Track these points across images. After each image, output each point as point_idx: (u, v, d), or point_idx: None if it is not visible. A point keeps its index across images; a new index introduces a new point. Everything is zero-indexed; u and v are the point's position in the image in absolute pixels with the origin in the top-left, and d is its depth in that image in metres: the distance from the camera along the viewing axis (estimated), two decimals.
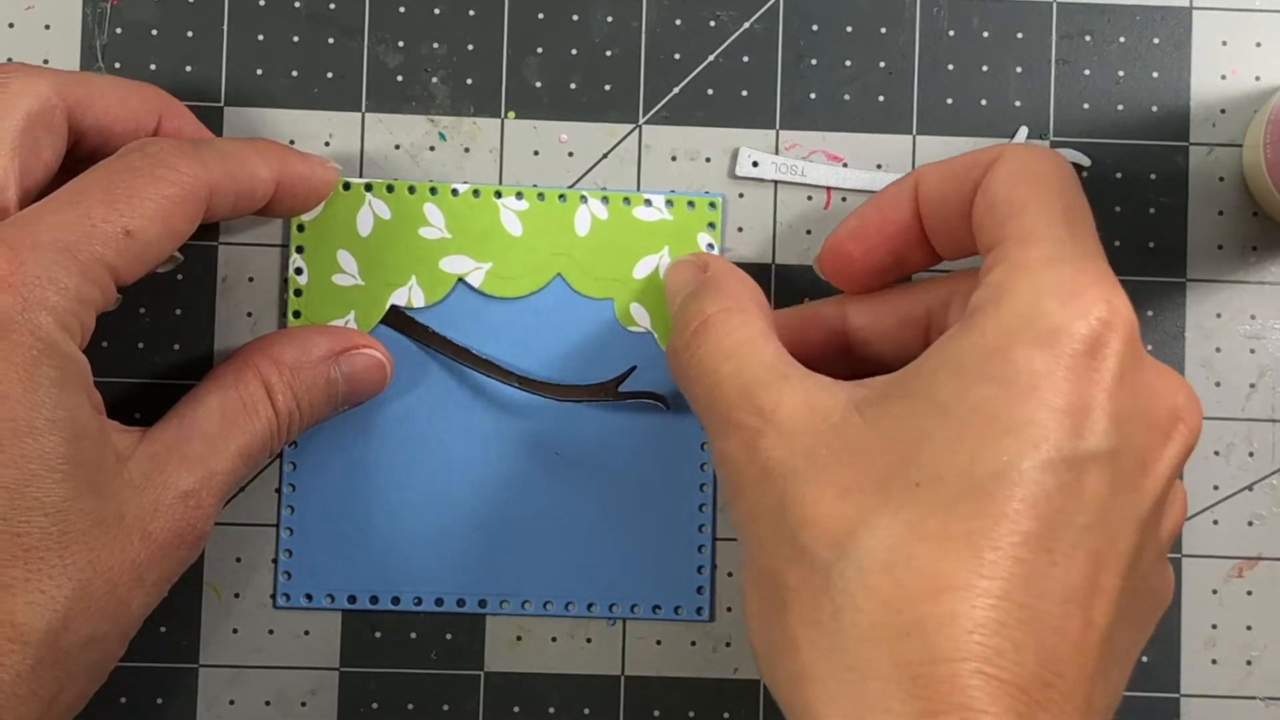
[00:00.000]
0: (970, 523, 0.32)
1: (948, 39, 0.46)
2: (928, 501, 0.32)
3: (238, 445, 0.40)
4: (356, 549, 0.44)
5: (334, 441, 0.45)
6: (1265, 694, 0.45)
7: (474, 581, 0.45)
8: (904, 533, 0.32)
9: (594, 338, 0.45)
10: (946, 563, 0.31)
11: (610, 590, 0.45)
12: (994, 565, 0.31)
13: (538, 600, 0.45)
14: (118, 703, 0.44)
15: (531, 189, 0.45)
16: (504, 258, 0.45)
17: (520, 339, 0.45)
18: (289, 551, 0.45)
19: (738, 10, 0.46)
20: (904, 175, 0.40)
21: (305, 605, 0.45)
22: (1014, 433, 0.32)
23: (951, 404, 0.33)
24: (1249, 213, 0.46)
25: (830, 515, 0.33)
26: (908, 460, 0.33)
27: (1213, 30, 0.46)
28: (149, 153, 0.38)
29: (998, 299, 0.34)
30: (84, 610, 0.36)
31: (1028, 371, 0.33)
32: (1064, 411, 0.33)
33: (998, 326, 0.34)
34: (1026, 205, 0.36)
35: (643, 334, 0.45)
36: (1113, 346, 0.33)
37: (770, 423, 0.35)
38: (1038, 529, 0.32)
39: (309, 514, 0.45)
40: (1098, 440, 0.33)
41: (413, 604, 0.44)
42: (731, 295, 0.40)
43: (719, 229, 0.45)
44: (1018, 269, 0.34)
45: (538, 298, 0.45)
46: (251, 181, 0.40)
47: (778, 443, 0.35)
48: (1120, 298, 0.34)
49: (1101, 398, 0.33)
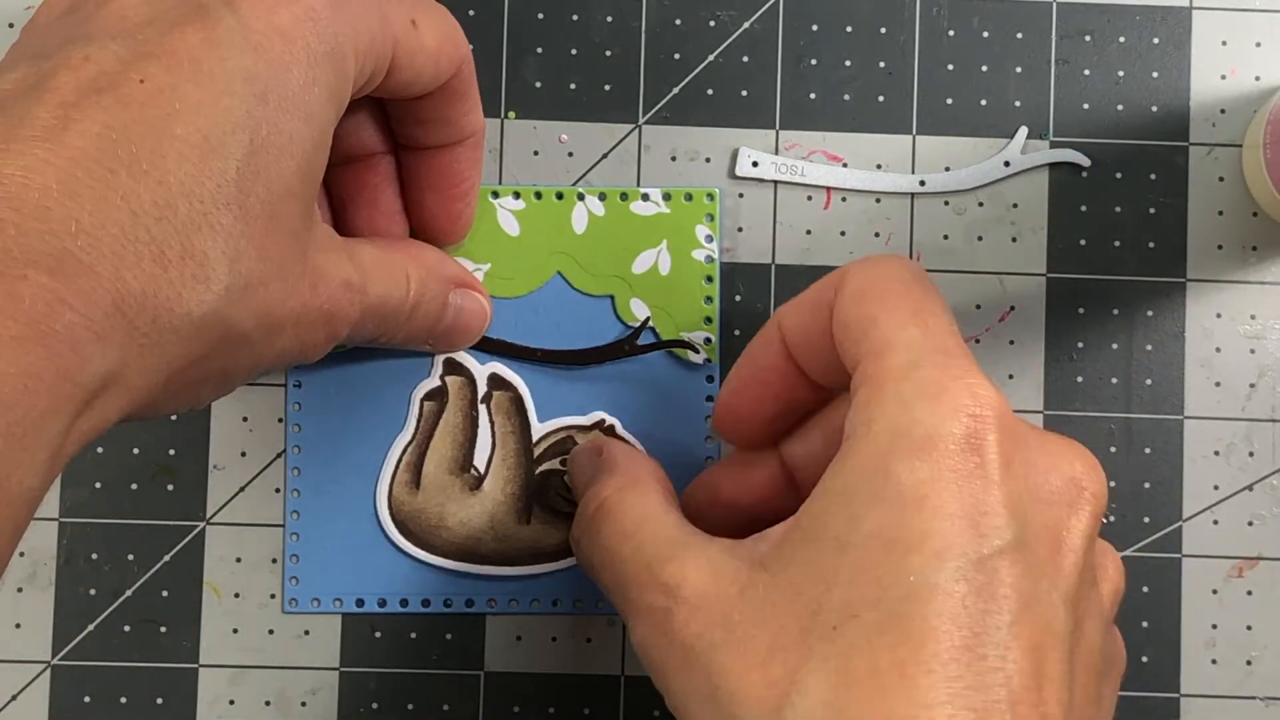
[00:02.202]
0: (895, 652, 0.31)
1: (948, 39, 0.46)
2: (850, 643, 0.31)
3: (385, 288, 0.39)
4: (362, 552, 0.44)
5: (338, 446, 0.45)
6: (1265, 694, 0.45)
7: (481, 583, 0.45)
8: (835, 681, 0.31)
9: (595, 334, 0.45)
10: (885, 702, 0.31)
11: None
12: (930, 690, 0.31)
13: (546, 599, 0.45)
14: (118, 703, 0.44)
15: (528, 188, 0.45)
16: (502, 258, 0.45)
17: (522, 337, 0.45)
18: (295, 557, 0.45)
19: (738, 10, 0.46)
20: (767, 322, 0.39)
21: (313, 610, 0.45)
22: (915, 549, 0.32)
23: (847, 536, 0.32)
24: (1249, 213, 0.46)
25: (759, 684, 0.32)
26: (819, 605, 0.32)
27: (1213, 30, 0.46)
28: None
29: (868, 418, 0.33)
30: (257, 300, 0.33)
31: (912, 484, 0.32)
32: (959, 515, 0.32)
33: (873, 446, 0.33)
34: (875, 317, 0.35)
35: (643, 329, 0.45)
36: (990, 437, 0.33)
37: (678, 599, 0.34)
38: (965, 639, 0.31)
39: (314, 517, 0.45)
40: (1000, 534, 0.32)
41: (420, 606, 0.45)
42: (625, 473, 0.39)
43: (717, 220, 0.45)
44: (880, 383, 0.34)
45: (538, 296, 0.45)
46: (472, 105, 0.40)
47: (691, 619, 0.34)
48: (984, 385, 0.33)
49: (993, 491, 0.32)
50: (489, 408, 0.45)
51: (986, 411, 0.33)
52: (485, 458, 0.45)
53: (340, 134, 0.40)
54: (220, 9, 0.33)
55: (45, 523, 0.45)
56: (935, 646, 0.31)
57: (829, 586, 0.32)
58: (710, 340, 0.45)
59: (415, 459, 0.45)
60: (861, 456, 0.33)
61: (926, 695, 0.30)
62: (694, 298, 0.45)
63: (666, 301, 0.45)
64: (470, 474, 0.45)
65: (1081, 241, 0.46)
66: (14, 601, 0.45)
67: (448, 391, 0.45)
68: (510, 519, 0.45)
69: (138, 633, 0.45)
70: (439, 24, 0.38)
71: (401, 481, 0.45)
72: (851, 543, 0.32)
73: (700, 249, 0.45)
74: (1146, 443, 0.45)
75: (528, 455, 0.45)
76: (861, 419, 0.34)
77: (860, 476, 0.33)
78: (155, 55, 0.31)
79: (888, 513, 0.32)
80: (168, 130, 0.31)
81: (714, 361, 0.45)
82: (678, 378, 0.45)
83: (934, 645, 0.31)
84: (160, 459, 0.45)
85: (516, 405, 0.45)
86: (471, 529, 0.45)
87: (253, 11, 0.33)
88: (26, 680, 0.45)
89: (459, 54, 0.39)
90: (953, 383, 0.33)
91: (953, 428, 0.33)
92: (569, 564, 0.45)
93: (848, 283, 0.36)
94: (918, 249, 0.46)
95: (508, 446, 0.45)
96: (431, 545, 0.45)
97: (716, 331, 0.45)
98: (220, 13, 0.32)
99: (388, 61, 0.37)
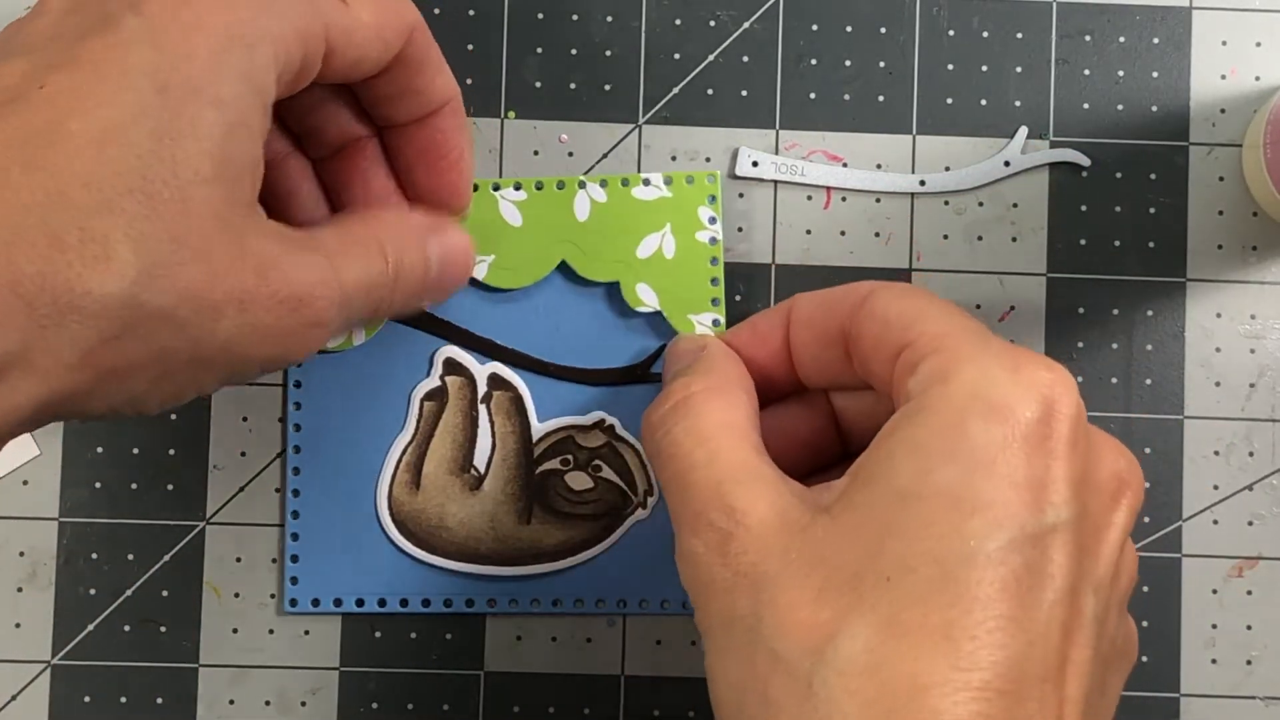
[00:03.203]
0: (945, 613, 0.32)
1: (948, 39, 0.46)
2: (901, 595, 0.32)
3: (360, 270, 0.38)
4: (362, 552, 0.44)
5: (338, 446, 0.45)
6: (1265, 694, 0.45)
7: (481, 583, 0.45)
8: (881, 632, 0.32)
9: (603, 320, 0.45)
10: (925, 659, 0.31)
11: (617, 586, 0.45)
12: (972, 656, 0.31)
13: (545, 599, 0.45)
14: (118, 703, 0.44)
15: (529, 179, 0.45)
16: (506, 249, 0.45)
17: (529, 328, 0.45)
18: (295, 557, 0.45)
19: (738, 10, 0.46)
20: (781, 302, 0.40)
21: (313, 611, 0.45)
22: (979, 513, 0.32)
23: (912, 489, 0.33)
24: (1249, 213, 0.46)
25: (805, 622, 0.33)
26: (876, 554, 0.33)
27: (1213, 30, 0.46)
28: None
29: (944, 378, 0.34)
30: (175, 280, 0.33)
31: (985, 445, 0.33)
32: (1024, 486, 0.33)
33: (949, 404, 0.34)
34: (924, 312, 0.36)
35: (652, 313, 0.45)
36: (1063, 413, 0.34)
37: (741, 526, 0.35)
38: (1012, 611, 0.32)
39: (314, 517, 0.45)
40: (1058, 512, 0.33)
41: (420, 606, 0.45)
42: (721, 375, 0.39)
43: (719, 202, 0.45)
44: (955, 351, 0.35)
45: (542, 286, 0.45)
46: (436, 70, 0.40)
47: (750, 547, 0.35)
48: (1059, 367, 0.34)
49: (1058, 467, 0.33)
50: (489, 408, 0.45)
51: (1061, 391, 0.34)
52: (485, 458, 0.45)
53: (319, 125, 0.41)
54: (124, 13, 0.33)
55: (45, 523, 0.45)
56: (983, 614, 0.31)
57: (887, 537, 0.33)
58: (718, 321, 0.45)
59: (415, 459, 0.45)
60: (936, 412, 0.34)
61: (964, 660, 0.31)
62: (700, 279, 0.45)
63: (673, 284, 0.45)
64: (470, 474, 0.45)
65: (1081, 241, 0.46)
66: (14, 601, 0.45)
67: (448, 391, 0.45)
68: (510, 519, 0.45)
69: (138, 633, 0.45)
70: (375, 2, 0.38)
71: (401, 482, 0.45)
72: (916, 495, 0.33)
73: (704, 230, 0.45)
74: (1146, 443, 0.45)
75: (528, 455, 0.45)
76: (936, 377, 0.34)
77: (932, 431, 0.34)
78: (58, 65, 0.33)
79: (957, 471, 0.33)
80: (62, 127, 0.32)
81: None
82: None
83: (982, 613, 0.31)
84: (160, 459, 0.45)
85: (516, 405, 0.45)
86: (472, 529, 0.45)
87: (158, 9, 0.33)
88: (26, 680, 0.45)
89: (404, 22, 0.38)
90: (1028, 360, 0.34)
91: (1029, 399, 0.33)
92: (569, 564, 0.45)
93: (885, 288, 0.37)
94: (918, 249, 0.46)
95: (508, 446, 0.45)
96: (432, 545, 0.45)
97: (724, 311, 0.45)
98: (124, 17, 0.33)
99: (322, 43, 0.36)
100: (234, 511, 0.45)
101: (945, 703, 0.31)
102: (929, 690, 0.31)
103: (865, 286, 0.38)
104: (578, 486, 0.45)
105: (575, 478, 0.45)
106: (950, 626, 0.31)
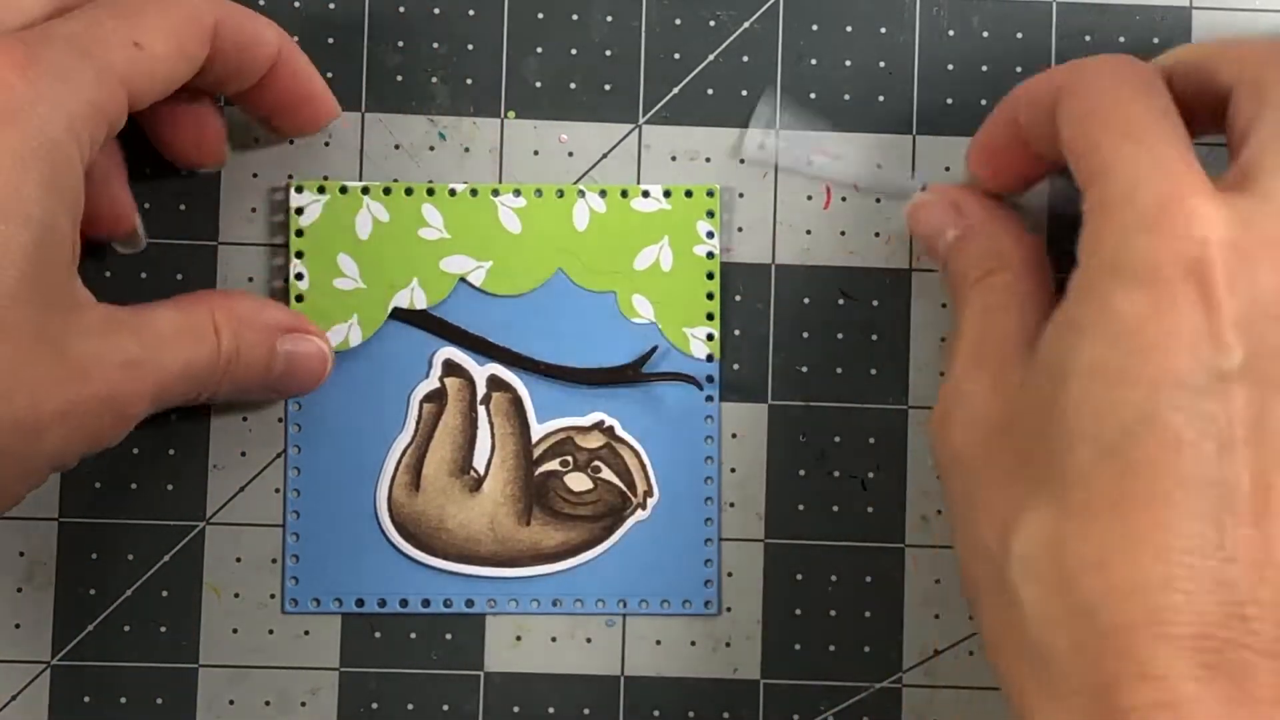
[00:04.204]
0: (1115, 486, 0.31)
1: (948, 39, 0.46)
2: (1067, 476, 0.32)
3: (185, 354, 0.38)
4: (362, 553, 0.44)
5: (338, 447, 0.45)
6: None
7: (481, 583, 0.45)
8: (1056, 512, 0.32)
9: (598, 330, 0.45)
10: (1099, 534, 0.31)
11: (616, 586, 0.45)
12: (1147, 525, 0.31)
13: (545, 599, 0.45)
14: (118, 703, 0.44)
15: (529, 185, 0.45)
16: (504, 255, 0.45)
17: (524, 335, 0.45)
18: (295, 557, 0.45)
19: (738, 10, 0.46)
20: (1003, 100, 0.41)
21: (313, 610, 0.45)
22: (1132, 382, 0.32)
23: (1067, 367, 0.33)
24: None
25: (995, 506, 0.33)
26: (1042, 436, 0.33)
27: (1212, 30, 0.46)
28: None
29: (1091, 250, 0.34)
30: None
31: (1132, 315, 0.32)
32: (1178, 347, 0.32)
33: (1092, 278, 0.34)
34: (1096, 141, 0.35)
35: (646, 325, 0.45)
36: (1213, 260, 0.32)
37: (962, 405, 0.36)
38: (1185, 469, 0.31)
39: (314, 517, 0.45)
40: (1226, 358, 0.32)
41: (420, 606, 0.45)
42: (998, 256, 0.40)
43: (717, 217, 0.45)
44: (1099, 213, 0.34)
45: (539, 293, 0.45)
46: (256, 33, 0.40)
47: (966, 429, 0.35)
48: (1206, 203, 0.33)
49: (1216, 317, 0.32)
50: (488, 409, 0.45)
51: (1207, 233, 0.32)
52: (485, 459, 0.45)
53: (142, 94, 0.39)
54: None
55: (45, 523, 0.45)
56: (1151, 479, 0.31)
57: (1050, 418, 0.33)
58: (713, 335, 0.45)
59: (415, 461, 0.45)
60: (1082, 289, 0.34)
61: (1137, 530, 0.31)
62: (696, 293, 0.45)
63: (669, 298, 0.45)
64: (470, 475, 0.45)
65: None
66: (14, 601, 0.45)
67: (447, 393, 0.45)
68: (510, 520, 0.45)
69: (138, 633, 0.45)
70: (166, 27, 0.37)
71: (401, 483, 0.45)
72: (1071, 373, 0.33)
73: (702, 244, 0.45)
74: None
75: (527, 456, 0.45)
76: (1086, 250, 0.34)
77: (1081, 309, 0.33)
78: None
79: (1106, 345, 0.32)
80: None
81: (716, 358, 0.45)
82: (677, 384, 0.45)
83: (1149, 478, 0.31)
84: (160, 459, 0.45)
85: (516, 407, 0.45)
86: (471, 530, 0.45)
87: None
88: (26, 680, 0.45)
89: (202, 28, 0.38)
90: (1172, 206, 0.33)
91: (1172, 256, 0.32)
92: (570, 565, 0.45)
93: (1066, 101, 0.36)
94: (918, 249, 0.46)
95: (507, 448, 0.45)
96: (431, 547, 0.45)
97: (719, 326, 0.45)
98: None
99: (123, 100, 0.36)
100: (234, 511, 0.45)
101: (1124, 572, 0.31)
102: (1107, 564, 0.31)
103: (1058, 78, 0.37)
104: (577, 487, 0.45)
105: (575, 479, 0.45)
106: (1118, 502, 0.31)
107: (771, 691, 0.45)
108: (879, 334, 0.45)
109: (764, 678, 0.45)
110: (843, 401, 0.45)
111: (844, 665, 0.45)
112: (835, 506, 0.45)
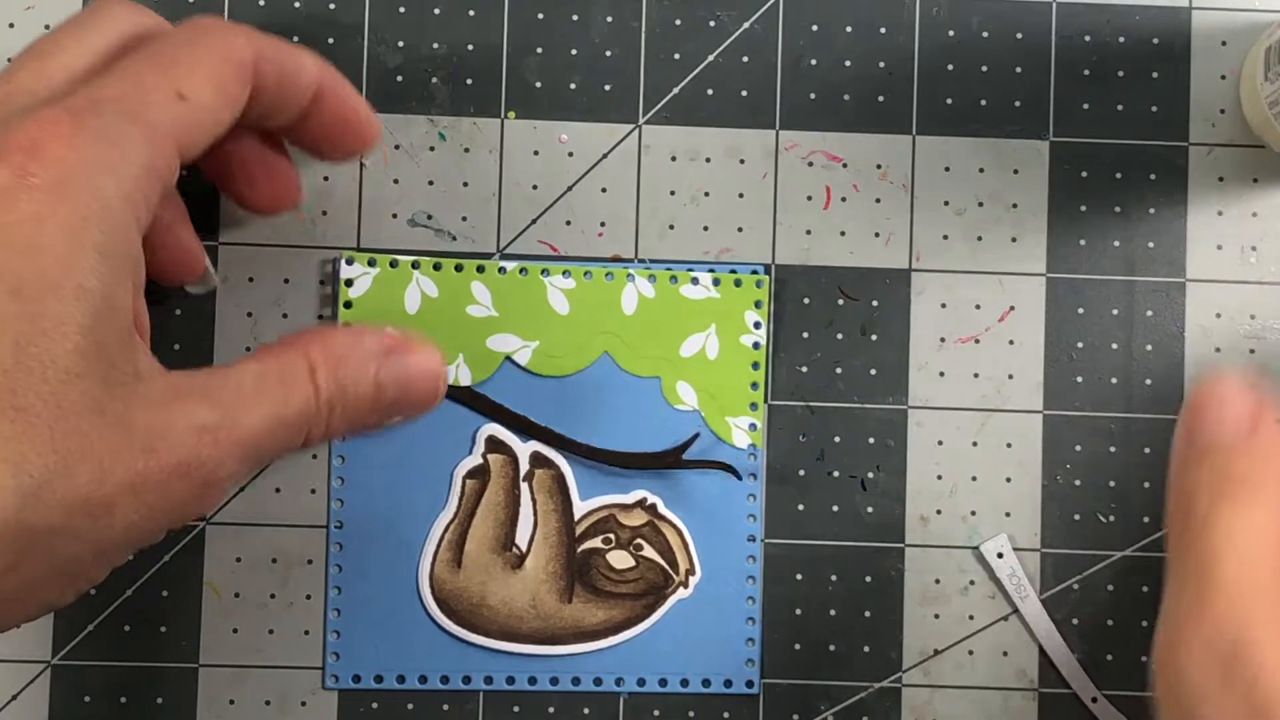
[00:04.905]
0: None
1: (948, 39, 0.46)
2: None
3: (270, 407, 0.36)
4: (403, 630, 0.44)
5: (380, 522, 0.45)
6: None
7: (522, 660, 0.45)
8: None
9: (641, 415, 0.45)
10: None
11: (658, 664, 0.45)
12: None
13: (587, 677, 0.45)
14: (118, 703, 0.44)
15: (578, 267, 0.45)
16: (551, 336, 0.45)
17: (567, 416, 0.45)
18: (337, 633, 0.44)
19: (738, 10, 0.46)
20: None
21: (352, 686, 0.44)
22: None
23: None
24: (1249, 213, 0.46)
25: None
26: None
27: (1213, 30, 0.46)
28: (195, 24, 0.37)
29: None
30: (62, 492, 0.32)
31: None
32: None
33: None
34: None
35: (689, 412, 0.45)
36: None
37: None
38: None
39: (355, 593, 0.45)
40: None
41: (461, 684, 0.44)
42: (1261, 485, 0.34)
43: (765, 307, 0.45)
44: None
45: (584, 375, 0.45)
46: (297, 66, 0.39)
47: None
48: None
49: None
50: (531, 486, 0.45)
51: None
52: (527, 536, 0.45)
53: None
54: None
55: None
56: None
57: None
58: (755, 426, 0.45)
59: (457, 537, 0.45)
60: None
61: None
62: (741, 383, 0.45)
63: (713, 385, 0.45)
64: (512, 552, 0.45)
65: (1081, 241, 0.46)
66: None
67: (490, 469, 0.45)
68: (552, 598, 0.45)
69: (138, 633, 0.45)
70: (207, 73, 0.36)
71: (443, 560, 0.44)
72: None
73: (748, 334, 0.45)
74: (1146, 443, 0.45)
75: (569, 534, 0.45)
76: None
77: None
78: None
79: None
80: None
81: (759, 447, 0.45)
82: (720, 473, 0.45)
83: None
84: None
85: (559, 483, 0.45)
86: (513, 608, 0.45)
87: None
88: (26, 680, 0.45)
89: (243, 71, 0.37)
90: None
91: None
92: (611, 643, 0.45)
93: None
94: (918, 249, 0.46)
95: (549, 525, 0.45)
96: (473, 624, 0.44)
97: (763, 417, 0.45)
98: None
99: (175, 156, 0.36)
100: (234, 511, 0.45)
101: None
102: None
103: None
104: (619, 565, 0.45)
105: (617, 556, 0.45)
106: None
107: (771, 691, 0.45)
108: (879, 334, 0.45)
109: (764, 678, 0.45)
110: (843, 401, 0.45)
111: (844, 665, 0.45)
112: (835, 506, 0.45)
